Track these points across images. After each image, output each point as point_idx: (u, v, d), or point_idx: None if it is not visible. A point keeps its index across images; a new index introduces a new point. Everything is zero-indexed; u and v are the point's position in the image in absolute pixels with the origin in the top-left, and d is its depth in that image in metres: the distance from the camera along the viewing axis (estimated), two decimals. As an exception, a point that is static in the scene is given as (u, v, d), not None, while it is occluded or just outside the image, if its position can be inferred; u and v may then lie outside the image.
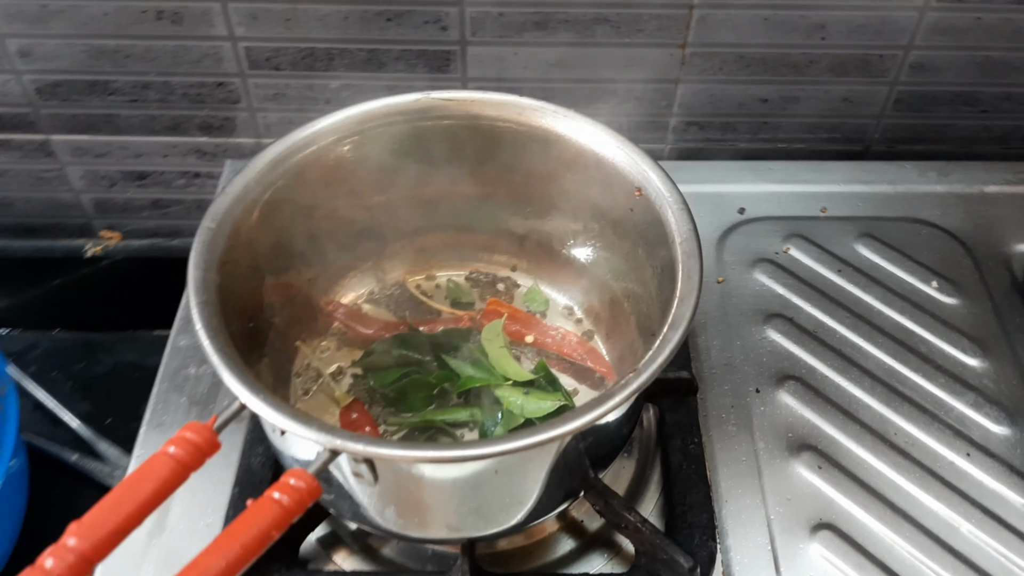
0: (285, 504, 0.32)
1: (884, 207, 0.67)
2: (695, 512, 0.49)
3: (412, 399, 0.50)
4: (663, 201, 0.47)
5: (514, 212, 0.55)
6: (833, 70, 0.66)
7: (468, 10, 0.62)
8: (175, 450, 0.33)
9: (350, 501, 0.41)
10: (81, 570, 0.28)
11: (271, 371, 0.49)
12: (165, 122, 0.69)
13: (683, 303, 0.41)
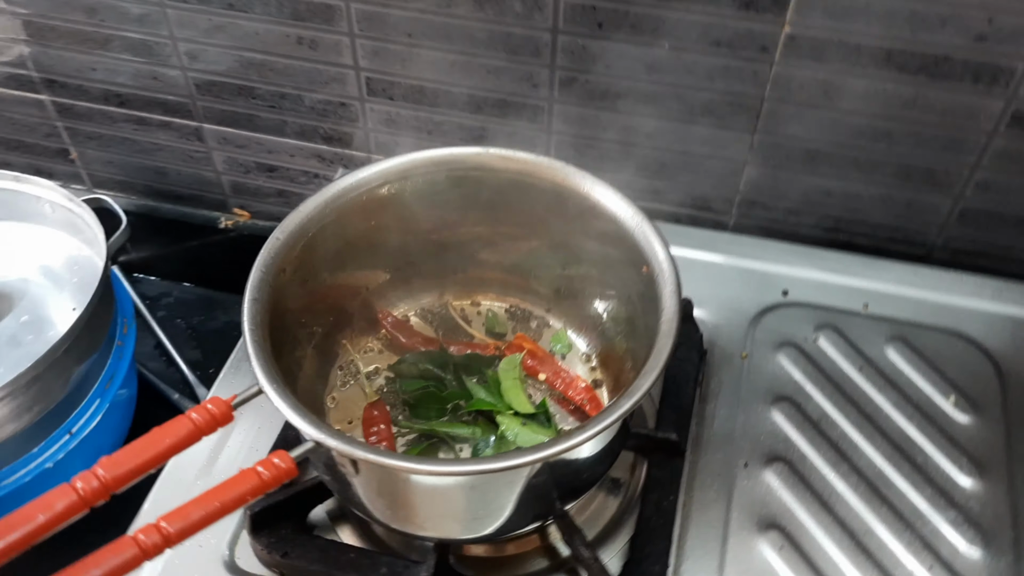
0: (264, 478, 0.40)
1: (928, 314, 0.68)
2: (650, 562, 0.54)
3: (427, 408, 0.58)
4: (663, 280, 0.52)
5: (552, 261, 0.62)
6: (897, 175, 0.68)
7: (558, 73, 0.69)
8: (196, 416, 0.42)
9: (342, 485, 0.50)
10: (101, 495, 0.38)
11: (316, 359, 0.59)
12: (295, 128, 0.80)
13: (644, 376, 0.47)
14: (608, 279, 0.59)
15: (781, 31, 0.61)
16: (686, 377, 0.63)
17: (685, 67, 0.65)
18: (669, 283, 0.51)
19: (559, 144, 0.74)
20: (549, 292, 0.64)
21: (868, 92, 0.63)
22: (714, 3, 0.61)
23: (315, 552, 0.54)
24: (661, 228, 0.72)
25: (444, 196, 0.59)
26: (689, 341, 0.65)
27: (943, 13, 0.57)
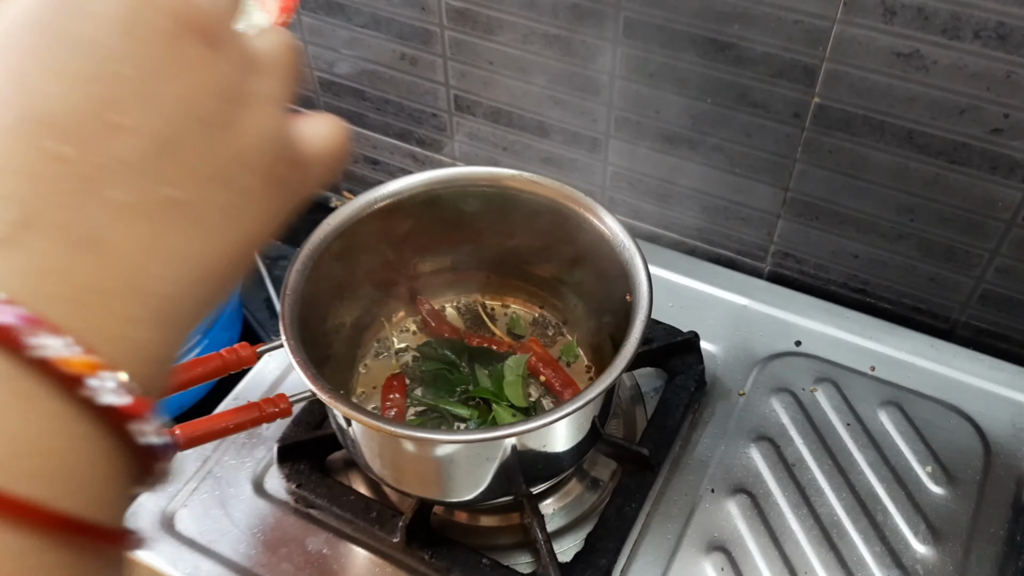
0: (265, 412, 0.51)
1: (931, 386, 0.71)
2: (598, 556, 0.61)
3: (438, 388, 0.68)
4: (639, 310, 0.58)
5: (568, 277, 0.70)
6: (920, 249, 0.71)
7: (614, 112, 0.76)
8: (226, 355, 0.53)
9: (341, 434, 0.60)
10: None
11: (352, 329, 0.69)
12: (396, 129, 0.91)
13: (591, 388, 0.54)
14: (606, 304, 0.66)
15: (811, 100, 0.66)
16: (679, 402, 0.69)
17: (725, 121, 0.71)
18: (642, 310, 0.58)
19: (614, 175, 0.81)
20: (567, 306, 0.72)
21: (892, 167, 0.67)
22: (751, 68, 0.66)
23: (323, 488, 0.65)
24: (700, 265, 0.79)
25: (483, 207, 0.68)
26: (690, 370, 0.71)
27: (961, 104, 0.61)
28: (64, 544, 0.21)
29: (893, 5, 0.58)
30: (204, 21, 0.25)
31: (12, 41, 0.23)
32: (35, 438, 0.21)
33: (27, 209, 0.22)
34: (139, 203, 0.23)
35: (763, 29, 0.64)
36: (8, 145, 0.22)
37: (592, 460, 0.69)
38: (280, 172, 0.27)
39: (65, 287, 0.22)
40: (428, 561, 0.62)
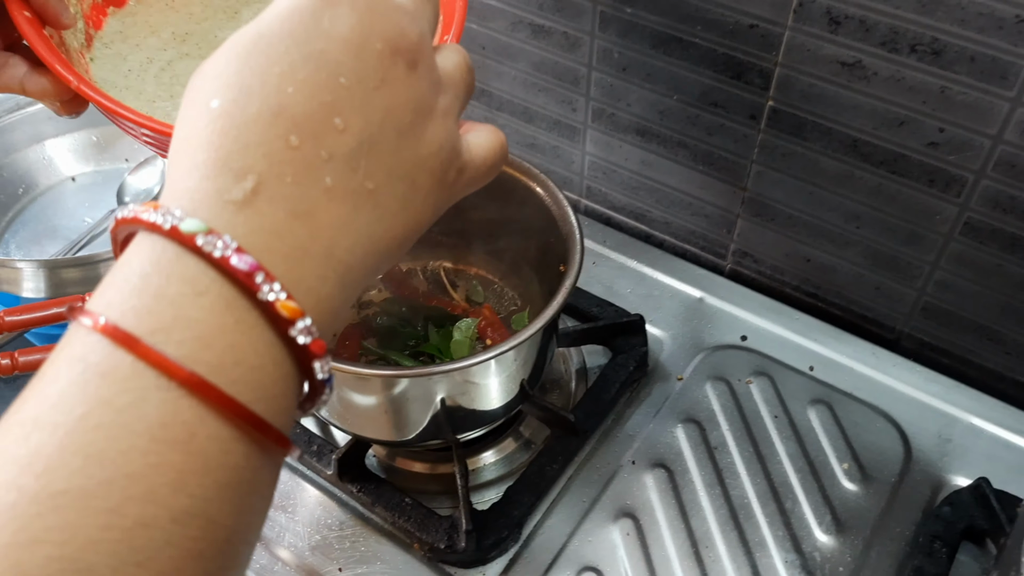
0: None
1: (865, 390, 0.73)
2: (511, 507, 0.65)
3: (389, 340, 0.73)
4: (567, 279, 0.62)
5: (524, 250, 0.74)
6: (866, 257, 0.73)
7: (591, 103, 0.80)
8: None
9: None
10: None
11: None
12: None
13: (510, 340, 0.58)
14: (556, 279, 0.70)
15: (766, 103, 0.69)
16: (616, 379, 0.73)
17: (689, 119, 0.74)
18: (569, 279, 0.61)
19: (591, 164, 0.85)
20: (522, 280, 0.76)
21: (840, 174, 0.69)
22: (712, 68, 0.70)
23: (273, 419, 0.70)
24: (663, 258, 0.82)
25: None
26: (632, 351, 0.74)
27: (900, 115, 0.63)
28: (252, 440, 0.27)
29: (838, 15, 0.61)
30: (410, 46, 0.31)
31: (264, 45, 0.29)
32: (251, 356, 0.27)
33: (261, 181, 0.28)
34: (342, 188, 0.29)
35: (722, 32, 0.67)
36: (252, 128, 0.28)
37: (529, 424, 0.73)
38: (450, 175, 0.33)
39: (281, 245, 0.28)
40: (356, 494, 0.66)
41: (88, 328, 0.25)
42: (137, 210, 0.27)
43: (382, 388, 0.60)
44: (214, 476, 0.26)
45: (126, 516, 0.24)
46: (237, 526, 0.27)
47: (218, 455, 0.26)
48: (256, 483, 0.27)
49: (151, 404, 0.25)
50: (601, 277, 0.83)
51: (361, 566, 0.64)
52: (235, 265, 0.26)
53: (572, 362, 0.77)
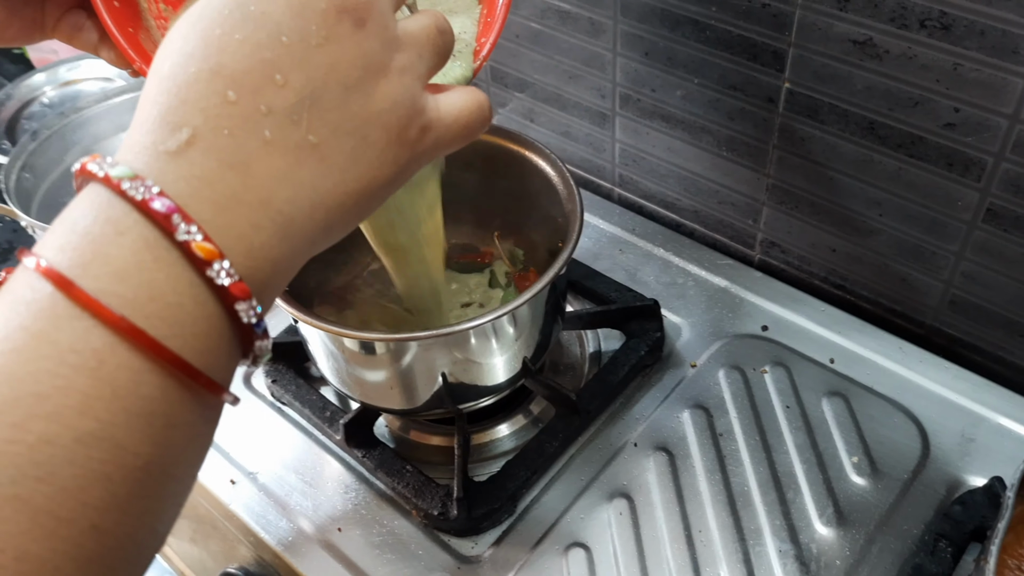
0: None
1: (886, 385, 0.70)
2: (508, 480, 0.66)
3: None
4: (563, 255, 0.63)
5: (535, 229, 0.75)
6: (890, 247, 0.70)
7: (618, 89, 0.81)
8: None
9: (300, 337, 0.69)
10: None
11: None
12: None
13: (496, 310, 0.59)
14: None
15: (783, 86, 0.68)
16: (626, 362, 0.73)
17: (710, 103, 0.74)
18: (565, 253, 0.62)
19: (622, 152, 0.85)
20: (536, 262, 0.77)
21: (858, 158, 0.67)
22: (729, 51, 0.69)
23: (293, 387, 0.74)
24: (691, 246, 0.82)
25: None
26: (646, 335, 0.74)
27: (914, 95, 0.61)
28: (168, 374, 0.28)
29: (845, -8, 0.60)
30: (357, 5, 0.32)
31: (209, 10, 0.31)
32: (169, 294, 0.28)
33: (195, 133, 0.29)
34: (281, 141, 0.30)
35: (736, 12, 0.67)
36: (192, 87, 0.30)
37: (539, 403, 0.74)
38: (410, 132, 0.33)
39: (211, 192, 0.29)
40: (361, 459, 0.69)
41: (25, 266, 0.28)
42: (84, 161, 0.30)
43: (378, 352, 0.63)
44: (123, 403, 0.27)
45: (30, 432, 0.26)
46: (154, 457, 0.28)
47: (128, 384, 0.27)
48: (175, 418, 0.28)
49: (64, 331, 0.27)
50: (626, 264, 0.83)
51: (360, 527, 0.66)
52: (154, 207, 0.28)
53: (588, 346, 0.78)
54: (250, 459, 0.71)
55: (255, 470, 0.70)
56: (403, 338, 0.61)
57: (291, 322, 0.79)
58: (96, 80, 1.27)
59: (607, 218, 0.88)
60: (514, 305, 0.59)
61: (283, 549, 0.65)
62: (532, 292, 0.60)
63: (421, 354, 0.62)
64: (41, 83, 1.26)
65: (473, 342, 0.63)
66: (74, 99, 1.23)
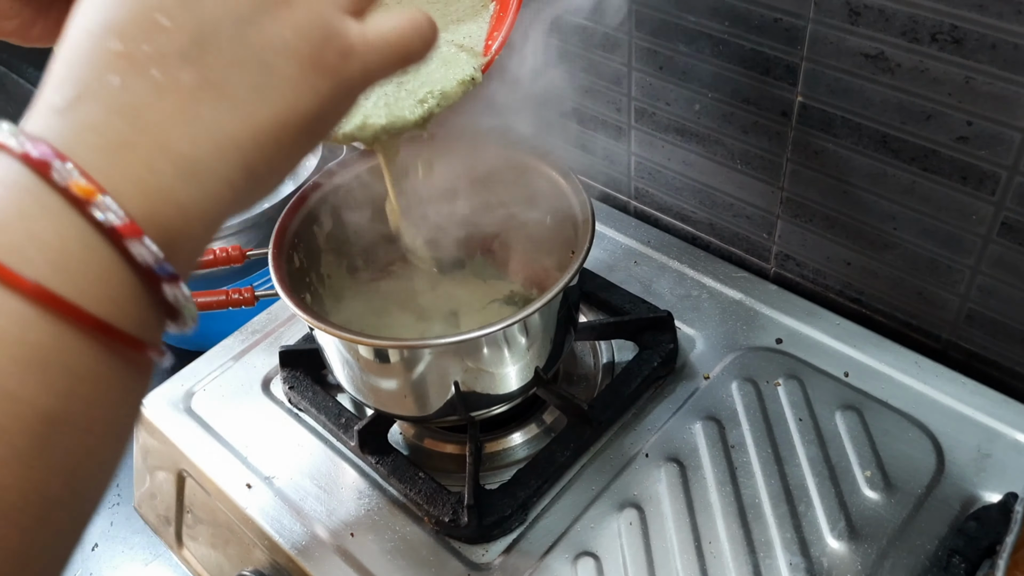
0: (230, 299, 0.62)
1: (901, 399, 0.70)
2: (518, 489, 0.67)
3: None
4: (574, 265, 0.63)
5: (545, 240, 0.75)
6: (906, 261, 0.70)
7: (633, 103, 0.81)
8: (217, 251, 0.65)
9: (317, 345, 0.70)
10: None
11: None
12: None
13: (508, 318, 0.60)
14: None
15: (795, 99, 0.68)
16: (639, 373, 0.73)
17: (725, 117, 0.74)
18: (576, 263, 0.63)
19: (637, 165, 0.86)
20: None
21: (872, 172, 0.67)
22: (742, 64, 0.70)
23: (310, 393, 0.75)
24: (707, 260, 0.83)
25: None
26: (659, 347, 0.74)
27: (926, 108, 0.61)
28: (60, 320, 0.27)
29: (857, 6, 0.60)
30: None
31: None
32: (53, 239, 0.27)
33: (82, 87, 0.29)
34: (173, 83, 0.29)
35: (748, 26, 0.67)
36: (80, 47, 0.30)
37: (552, 412, 0.75)
38: (328, 59, 0.32)
39: (98, 139, 0.28)
40: (374, 466, 0.70)
41: None
42: None
43: (392, 359, 0.64)
44: (11, 351, 0.26)
45: None
46: (57, 409, 0.27)
47: (14, 330, 0.26)
48: (79, 369, 0.27)
49: None
50: (641, 276, 0.84)
51: (372, 533, 0.67)
52: (31, 154, 0.27)
53: (601, 357, 0.78)
54: (267, 464, 0.72)
55: (271, 474, 0.71)
56: (416, 345, 0.62)
57: (308, 329, 0.80)
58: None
59: (623, 230, 0.88)
60: (525, 313, 0.60)
61: (297, 553, 0.66)
62: (543, 301, 0.60)
63: (434, 362, 0.63)
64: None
65: (485, 351, 0.63)
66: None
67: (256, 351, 0.82)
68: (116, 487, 0.94)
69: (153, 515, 0.83)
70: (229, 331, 0.85)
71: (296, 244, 0.69)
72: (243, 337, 0.84)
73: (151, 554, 0.87)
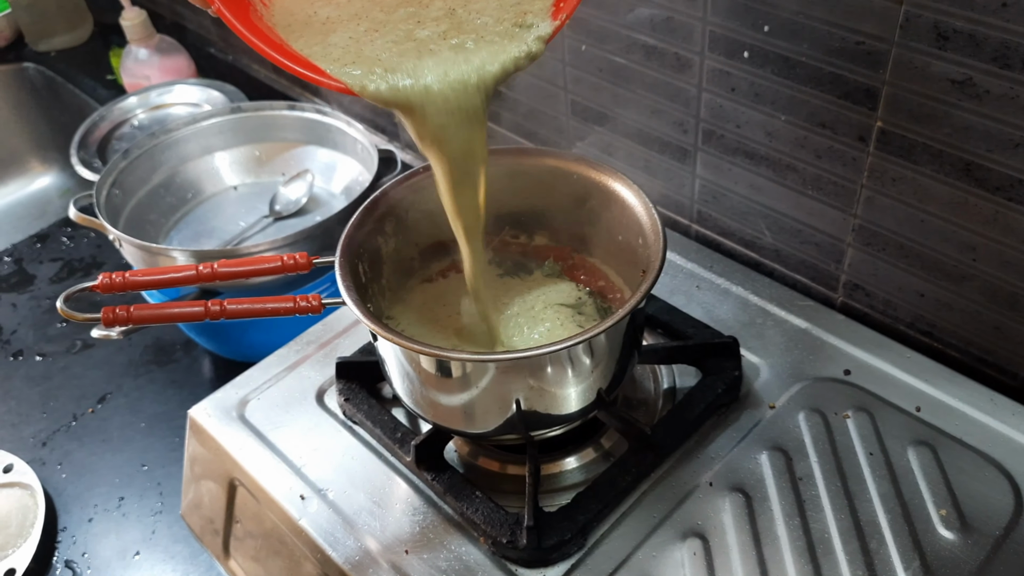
0: (298, 305, 0.61)
1: (976, 437, 0.67)
2: (578, 513, 0.65)
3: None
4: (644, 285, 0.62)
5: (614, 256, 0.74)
6: (984, 293, 0.68)
7: (701, 124, 0.80)
8: (285, 259, 0.64)
9: (376, 355, 0.69)
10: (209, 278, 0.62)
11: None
12: (524, 129, 1.01)
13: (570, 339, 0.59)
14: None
15: (875, 124, 0.67)
16: (702, 399, 0.71)
17: (797, 141, 0.73)
18: (645, 283, 0.61)
19: (701, 188, 0.85)
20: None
21: (952, 200, 0.66)
22: (819, 88, 0.69)
23: (365, 406, 0.74)
24: (772, 287, 0.82)
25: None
26: (724, 374, 0.73)
27: (1015, 137, 0.59)
28: None
29: (946, 30, 0.59)
30: None
31: None
32: None
33: None
34: None
35: (829, 50, 0.66)
36: None
37: (610, 436, 0.73)
38: None
39: None
40: (430, 482, 0.69)
41: None
42: None
43: (454, 373, 0.62)
44: None
45: None
46: None
47: None
48: None
49: None
50: (703, 300, 0.82)
51: (427, 551, 0.66)
52: None
53: (662, 382, 0.77)
54: (321, 476, 0.71)
55: (325, 487, 0.70)
56: (480, 359, 0.60)
57: (369, 339, 0.79)
58: (185, 105, 1.31)
59: (684, 254, 0.87)
60: (592, 333, 0.58)
61: (350, 568, 0.65)
62: (611, 321, 0.59)
63: (498, 377, 0.62)
64: (133, 106, 1.31)
65: (549, 369, 0.62)
66: (163, 122, 1.28)
67: (310, 362, 0.82)
68: (159, 495, 0.94)
69: (199, 524, 0.82)
70: (278, 343, 0.85)
71: (361, 254, 0.68)
72: (298, 348, 0.83)
73: (192, 564, 0.86)
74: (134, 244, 0.93)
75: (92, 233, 1.30)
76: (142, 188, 1.10)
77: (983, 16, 0.56)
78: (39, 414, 1.03)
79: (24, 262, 1.27)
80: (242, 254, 0.92)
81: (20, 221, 1.55)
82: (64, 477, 0.95)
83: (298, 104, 1.13)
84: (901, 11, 0.60)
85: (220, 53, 1.51)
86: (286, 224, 1.08)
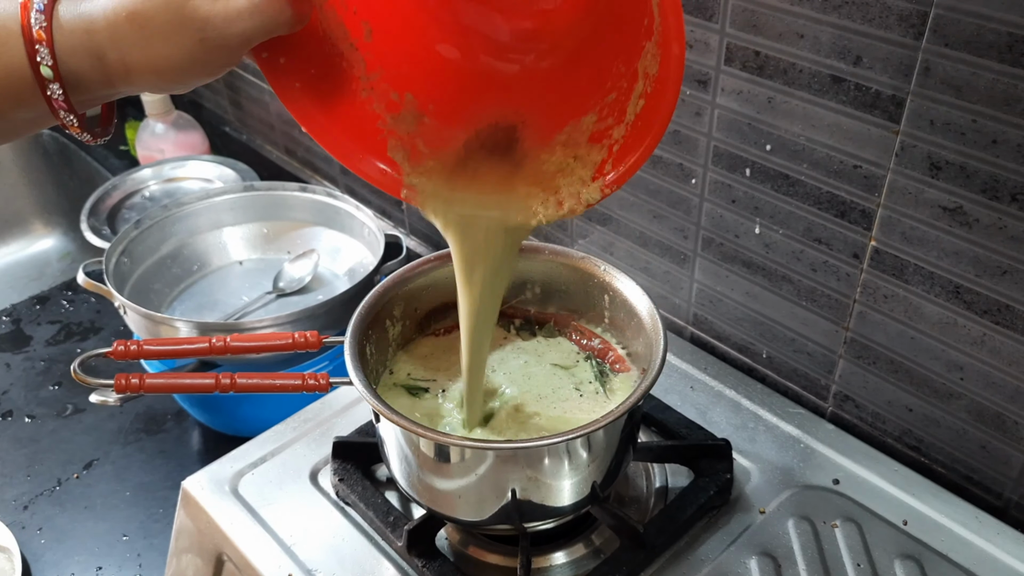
0: (306, 383, 0.62)
1: (963, 555, 0.68)
2: (570, 607, 0.65)
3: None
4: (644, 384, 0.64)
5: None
6: (970, 412, 0.70)
7: (701, 232, 0.84)
8: (297, 337, 0.66)
9: (376, 434, 0.70)
10: (221, 352, 0.63)
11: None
12: (530, 224, 1.04)
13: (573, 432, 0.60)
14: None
15: (868, 243, 0.70)
16: (694, 500, 0.72)
17: (794, 254, 0.76)
18: (645, 381, 0.63)
19: (699, 292, 0.88)
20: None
21: (942, 320, 0.68)
22: (816, 205, 0.72)
23: (359, 487, 0.75)
24: (764, 393, 0.83)
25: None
26: (716, 476, 0.74)
27: (1003, 264, 0.63)
28: None
29: (939, 160, 0.63)
30: None
31: None
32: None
33: None
34: None
35: (827, 171, 0.70)
36: None
37: (602, 533, 0.74)
38: None
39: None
40: (421, 569, 0.69)
41: None
42: None
43: (452, 459, 0.63)
44: None
45: None
46: None
47: None
48: None
49: None
50: (697, 402, 0.84)
51: (413, 640, 0.65)
52: None
53: (654, 481, 0.78)
54: (310, 556, 0.71)
55: (314, 568, 0.70)
56: (480, 446, 0.62)
57: (367, 420, 0.80)
58: (197, 180, 1.35)
59: (679, 355, 0.89)
60: (590, 429, 0.60)
61: (335, 653, 0.64)
62: (611, 417, 0.61)
63: (496, 465, 0.63)
64: (146, 177, 1.34)
65: (546, 460, 0.63)
66: (174, 195, 1.31)
67: (306, 440, 0.82)
68: (138, 567, 0.92)
69: (180, 599, 0.81)
70: (271, 418, 0.85)
71: (368, 336, 0.70)
72: (295, 425, 0.84)
73: (168, 641, 0.84)
74: (139, 312, 0.95)
75: (92, 298, 1.31)
76: (150, 257, 1.12)
77: (974, 151, 0.60)
78: (23, 476, 1.02)
79: (22, 322, 1.28)
80: (244, 328, 0.94)
81: (17, 281, 1.56)
82: (43, 542, 0.94)
83: (309, 186, 1.16)
84: (897, 141, 0.64)
85: (235, 132, 1.55)
86: (288, 301, 1.10)
